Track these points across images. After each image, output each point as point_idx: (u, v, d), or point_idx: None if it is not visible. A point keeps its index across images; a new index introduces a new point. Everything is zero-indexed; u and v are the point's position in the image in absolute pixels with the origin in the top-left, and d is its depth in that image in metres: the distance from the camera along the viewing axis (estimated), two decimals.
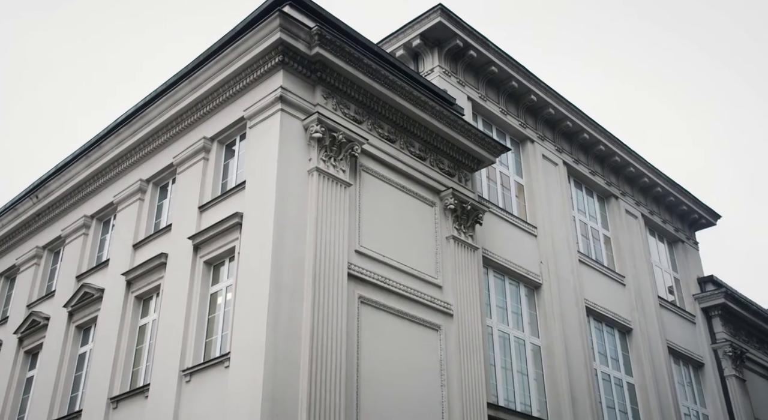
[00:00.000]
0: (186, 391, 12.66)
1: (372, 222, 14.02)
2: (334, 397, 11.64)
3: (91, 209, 17.78)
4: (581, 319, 18.26)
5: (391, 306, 13.55)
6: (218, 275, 13.73)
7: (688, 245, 24.81)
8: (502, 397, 15.51)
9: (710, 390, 22.11)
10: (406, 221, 14.71)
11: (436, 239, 15.15)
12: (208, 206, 14.33)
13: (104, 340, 15.04)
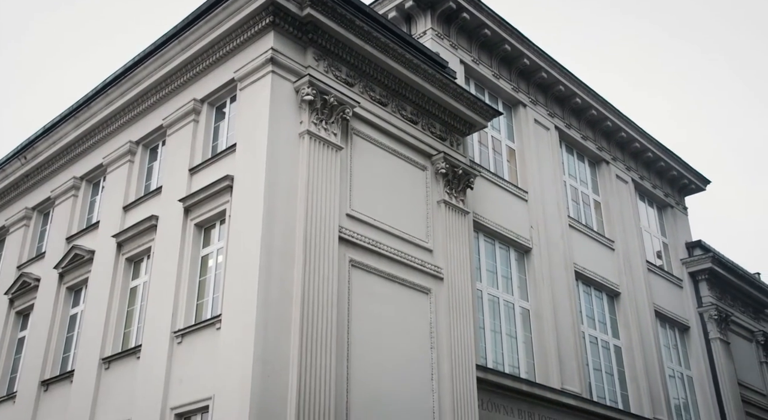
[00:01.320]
0: (177, 353, 12.76)
1: (363, 186, 14.00)
2: (325, 359, 11.76)
3: (81, 171, 17.67)
4: (570, 283, 18.43)
5: (381, 269, 13.62)
6: (209, 238, 13.74)
7: (677, 210, 24.96)
8: (491, 360, 15.72)
9: (695, 352, 22.48)
10: (397, 185, 14.70)
11: (427, 203, 15.17)
12: (198, 169, 14.26)
13: (95, 301, 15.09)
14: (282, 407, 11.07)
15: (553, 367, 16.71)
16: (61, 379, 15.25)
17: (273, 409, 10.96)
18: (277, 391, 11.11)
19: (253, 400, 10.81)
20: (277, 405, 11.03)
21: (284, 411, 11.07)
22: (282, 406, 11.07)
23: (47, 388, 15.47)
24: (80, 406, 14.09)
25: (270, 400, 10.98)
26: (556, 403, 16.14)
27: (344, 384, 12.06)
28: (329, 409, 11.46)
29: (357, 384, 12.26)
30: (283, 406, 11.09)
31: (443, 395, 13.54)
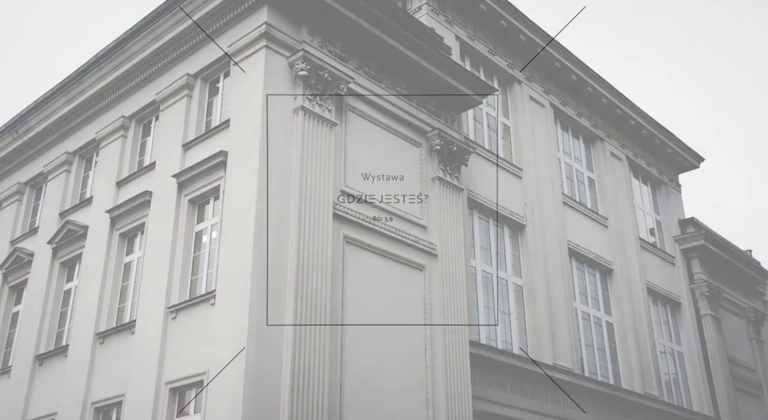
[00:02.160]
0: (172, 328, 12.81)
1: (358, 162, 13.97)
2: (319, 335, 11.82)
3: (73, 146, 17.57)
4: (563, 259, 18.51)
5: (376, 246, 13.64)
6: (203, 214, 13.71)
7: (671, 188, 25.02)
8: (484, 336, 15.83)
9: (686, 329, 22.67)
10: (392, 162, 14.67)
11: (421, 180, 15.16)
12: (192, 144, 14.19)
13: (89, 276, 15.09)
14: (276, 382, 11.14)
15: (546, 343, 16.84)
16: (55, 354, 15.30)
17: (267, 383, 11.04)
18: (271, 367, 11.17)
19: (248, 375, 10.87)
20: (271, 380, 11.10)
21: (278, 386, 11.14)
22: (276, 382, 11.14)
23: (42, 362, 15.53)
24: (75, 381, 14.16)
25: (264, 375, 11.05)
26: (549, 379, 16.29)
27: (338, 359, 12.13)
28: (323, 384, 11.55)
29: (351, 359, 12.34)
30: (278, 381, 11.16)
31: (436, 370, 13.65)
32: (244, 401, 10.71)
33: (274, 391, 11.09)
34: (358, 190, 13.74)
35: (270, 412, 10.92)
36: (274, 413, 10.95)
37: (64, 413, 14.07)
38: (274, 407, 11.00)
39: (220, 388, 11.22)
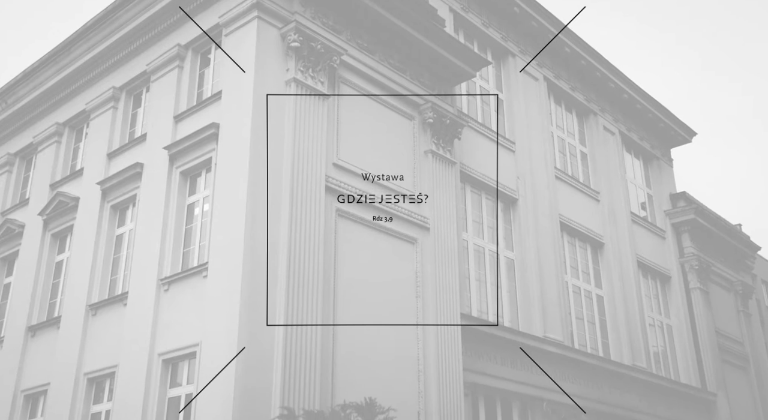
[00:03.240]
0: (164, 300, 12.83)
1: (350, 135, 13.91)
2: (312, 307, 11.87)
3: (63, 116, 17.41)
4: (555, 233, 18.58)
5: (368, 219, 13.64)
6: (195, 186, 13.66)
7: (663, 162, 25.06)
8: (476, 308, 15.94)
9: (675, 302, 22.88)
10: (384, 135, 14.62)
11: (414, 153, 15.12)
12: (183, 116, 14.08)
13: (81, 248, 15.07)
14: (269, 354, 11.21)
15: (537, 316, 16.98)
16: (48, 325, 15.33)
17: (260, 355, 11.10)
18: (263, 338, 11.23)
19: (240, 346, 10.93)
20: (264, 351, 11.16)
21: (271, 357, 11.21)
22: (269, 353, 11.21)
23: (34, 333, 15.56)
24: (67, 352, 14.21)
25: (257, 346, 11.11)
26: (539, 351, 16.45)
27: (330, 330, 12.20)
28: (315, 357, 11.62)
29: (343, 331, 12.41)
30: (270, 352, 11.23)
31: (428, 342, 13.75)
32: (237, 372, 10.78)
33: (267, 362, 11.15)
34: (351, 163, 13.69)
35: (263, 383, 11.00)
36: (266, 384, 11.03)
37: (58, 384, 14.14)
38: (267, 378, 11.07)
39: (212, 359, 11.28)
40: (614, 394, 18.48)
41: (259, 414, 10.75)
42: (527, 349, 16.16)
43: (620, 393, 18.71)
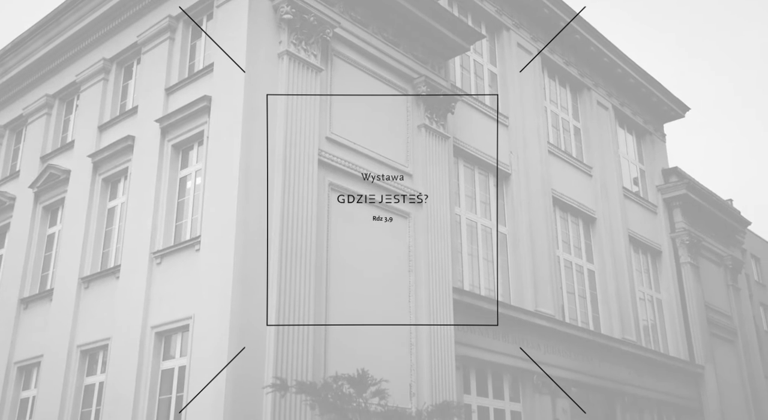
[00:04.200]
0: (157, 273, 12.84)
1: (343, 109, 13.84)
2: (304, 280, 11.90)
3: (53, 88, 17.24)
4: (547, 208, 18.62)
5: (361, 193, 13.62)
6: (187, 159, 13.60)
7: (656, 137, 25.07)
8: (468, 283, 16.02)
9: (665, 276, 23.06)
10: (377, 109, 14.55)
11: (407, 127, 15.07)
12: (175, 88, 13.97)
13: (73, 221, 15.02)
14: (261, 327, 11.26)
15: (528, 290, 17.09)
16: (40, 298, 15.33)
17: (253, 328, 11.15)
18: (256, 312, 11.28)
19: (233, 319, 10.98)
20: (256, 325, 11.21)
21: (263, 331, 11.26)
22: (261, 326, 11.26)
23: (27, 306, 15.57)
24: (60, 324, 14.24)
25: (250, 320, 11.16)
26: (530, 325, 16.59)
27: (323, 304, 12.25)
28: (308, 329, 11.68)
29: (335, 305, 12.47)
30: (263, 326, 11.28)
31: (420, 316, 13.83)
32: (230, 344, 10.84)
33: (260, 336, 11.20)
34: (344, 137, 13.64)
35: (256, 355, 11.06)
36: (259, 356, 11.09)
37: (51, 356, 14.19)
38: (260, 350, 11.14)
39: (205, 332, 11.33)
40: (604, 367, 18.70)
41: (252, 385, 10.82)
42: (518, 323, 16.28)
43: (610, 366, 18.92)
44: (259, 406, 10.83)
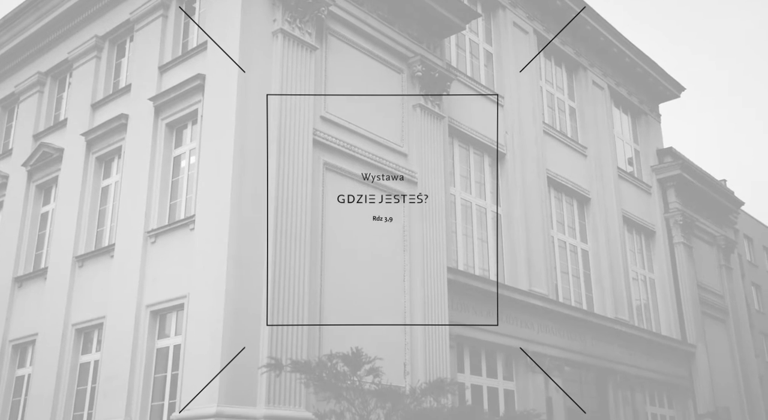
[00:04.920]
0: (151, 252, 12.84)
1: (338, 88, 13.76)
2: (299, 259, 11.91)
3: (45, 66, 17.09)
4: (542, 188, 18.63)
5: (355, 173, 13.60)
6: (181, 138, 13.53)
7: (651, 117, 25.04)
8: (462, 262, 16.06)
9: (659, 256, 23.17)
10: (372, 88, 14.47)
11: (402, 107, 15.01)
12: (168, 67, 13.86)
13: (66, 200, 14.97)
14: (256, 306, 11.29)
15: (522, 270, 17.15)
16: (34, 276, 15.33)
17: (247, 307, 11.18)
18: (251, 291, 11.30)
19: (228, 298, 11.00)
20: (251, 304, 11.24)
21: (258, 309, 11.30)
22: (256, 305, 11.29)
23: (21, 284, 15.56)
24: (55, 303, 14.24)
25: (244, 299, 11.18)
26: (524, 304, 16.67)
27: (318, 284, 12.27)
28: (303, 309, 11.72)
29: (330, 284, 12.50)
30: (258, 304, 11.31)
31: (414, 295, 13.88)
32: (225, 323, 10.86)
33: (255, 314, 11.23)
34: (338, 117, 13.59)
35: (250, 335, 11.10)
36: (254, 335, 11.14)
37: (46, 334, 14.21)
38: (254, 330, 11.17)
39: (200, 311, 11.36)
40: (597, 346, 18.84)
41: (247, 365, 10.87)
42: (512, 302, 16.35)
43: (602, 345, 19.07)
44: (255, 385, 10.88)
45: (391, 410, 9.39)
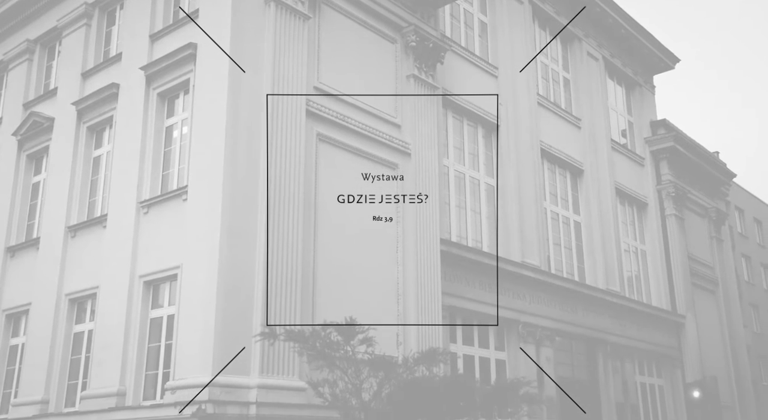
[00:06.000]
0: (144, 223, 12.81)
1: (331, 58, 13.64)
2: (292, 230, 11.91)
3: (34, 33, 16.86)
4: (535, 160, 18.62)
5: (349, 144, 13.55)
6: (173, 108, 13.42)
7: (645, 89, 24.97)
8: (455, 234, 16.10)
9: (650, 228, 23.30)
10: (366, 58, 14.35)
11: (396, 77, 14.91)
12: (159, 35, 13.69)
13: (58, 170, 14.89)
14: (250, 275, 11.31)
15: (515, 241, 17.20)
16: (27, 246, 15.30)
17: (241, 277, 11.20)
18: (244, 260, 11.31)
19: (221, 268, 11.01)
20: (244, 273, 11.26)
21: (252, 279, 11.32)
22: (250, 275, 11.31)
23: (13, 254, 15.54)
24: (48, 273, 14.23)
25: (237, 268, 11.20)
26: (516, 276, 16.76)
27: (311, 253, 12.28)
28: (296, 279, 11.74)
29: (323, 254, 12.51)
30: (251, 274, 11.33)
31: (407, 267, 13.93)
32: (218, 293, 10.90)
33: (248, 284, 11.25)
34: (332, 87, 13.48)
35: (244, 304, 11.14)
36: (248, 305, 11.18)
37: (39, 304, 14.23)
38: (248, 299, 11.21)
39: (193, 281, 11.38)
40: (588, 317, 19.01)
41: (241, 334, 10.92)
42: (504, 274, 16.43)
43: (593, 315, 19.24)
44: (248, 353, 10.94)
45: (384, 379, 9.48)
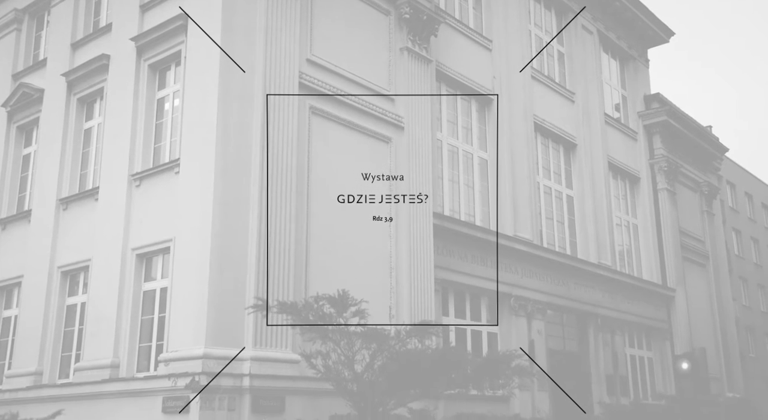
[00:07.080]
0: (136, 195, 12.77)
1: (324, 30, 13.51)
2: (286, 203, 11.90)
3: (22, 2, 16.63)
4: (529, 134, 18.58)
5: (342, 117, 13.48)
6: (164, 80, 13.30)
7: (639, 63, 24.87)
8: (448, 208, 16.11)
9: (642, 202, 23.38)
10: (359, 30, 14.22)
11: (389, 50, 14.79)
12: (150, 5, 13.50)
13: (48, 142, 14.78)
14: (242, 248, 11.31)
15: (508, 215, 17.23)
16: (18, 219, 15.24)
17: (233, 250, 11.21)
18: (237, 233, 11.30)
19: (214, 241, 11.01)
20: (237, 246, 11.26)
21: (245, 252, 11.32)
22: (242, 247, 11.31)
23: (4, 227, 15.48)
24: (40, 245, 14.20)
25: (230, 241, 11.19)
26: (509, 249, 16.82)
27: (304, 226, 12.28)
28: (289, 251, 11.76)
29: (316, 228, 12.51)
30: (244, 247, 11.33)
31: (400, 240, 13.95)
32: (211, 266, 10.90)
33: (241, 256, 11.26)
34: (325, 60, 13.37)
35: (237, 277, 11.16)
36: (241, 277, 11.20)
37: (31, 276, 14.22)
38: (241, 272, 11.23)
39: (186, 253, 11.37)
40: (579, 290, 19.14)
41: (234, 306, 10.96)
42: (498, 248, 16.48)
43: (584, 289, 19.37)
44: (241, 326, 10.99)
45: (377, 351, 9.54)
